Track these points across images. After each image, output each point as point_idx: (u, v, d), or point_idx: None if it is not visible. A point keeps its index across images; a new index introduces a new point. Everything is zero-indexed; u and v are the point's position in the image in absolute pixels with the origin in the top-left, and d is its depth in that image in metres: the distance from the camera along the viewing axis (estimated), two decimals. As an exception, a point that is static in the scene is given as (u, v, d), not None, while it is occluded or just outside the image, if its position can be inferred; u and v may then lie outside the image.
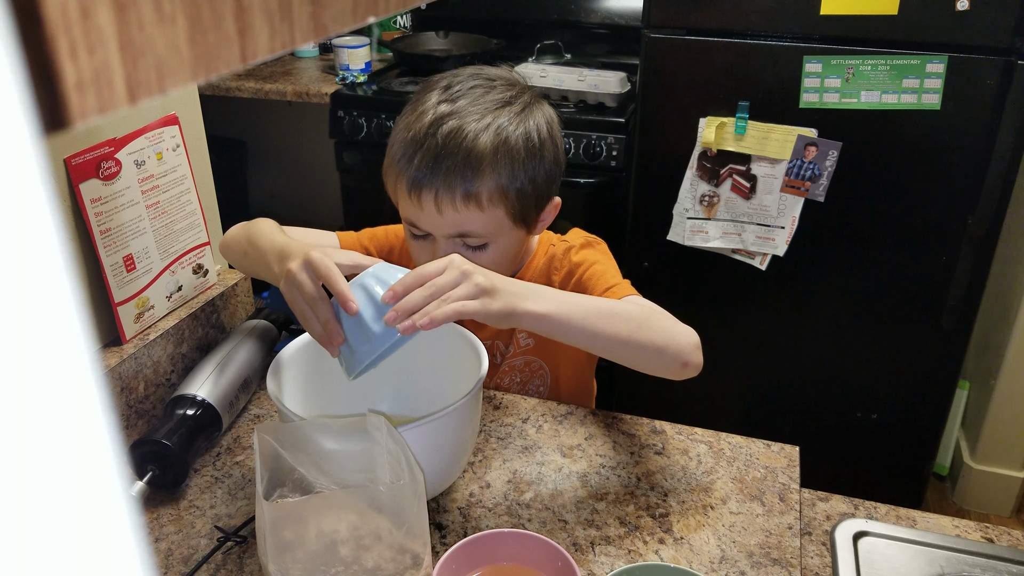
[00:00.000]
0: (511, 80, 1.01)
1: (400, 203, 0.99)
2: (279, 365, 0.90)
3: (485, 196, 0.94)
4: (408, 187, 0.94)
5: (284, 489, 0.80)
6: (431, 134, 0.93)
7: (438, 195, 0.93)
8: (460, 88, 0.97)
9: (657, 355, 0.89)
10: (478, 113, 0.94)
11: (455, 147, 0.92)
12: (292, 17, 0.26)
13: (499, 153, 0.93)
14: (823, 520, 0.97)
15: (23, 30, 0.18)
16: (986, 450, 2.04)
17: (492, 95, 0.96)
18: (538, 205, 1.00)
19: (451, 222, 0.95)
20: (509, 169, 0.94)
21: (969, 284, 1.62)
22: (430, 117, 0.94)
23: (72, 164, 0.92)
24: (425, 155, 0.93)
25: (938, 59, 1.49)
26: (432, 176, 0.92)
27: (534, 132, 0.97)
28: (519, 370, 1.14)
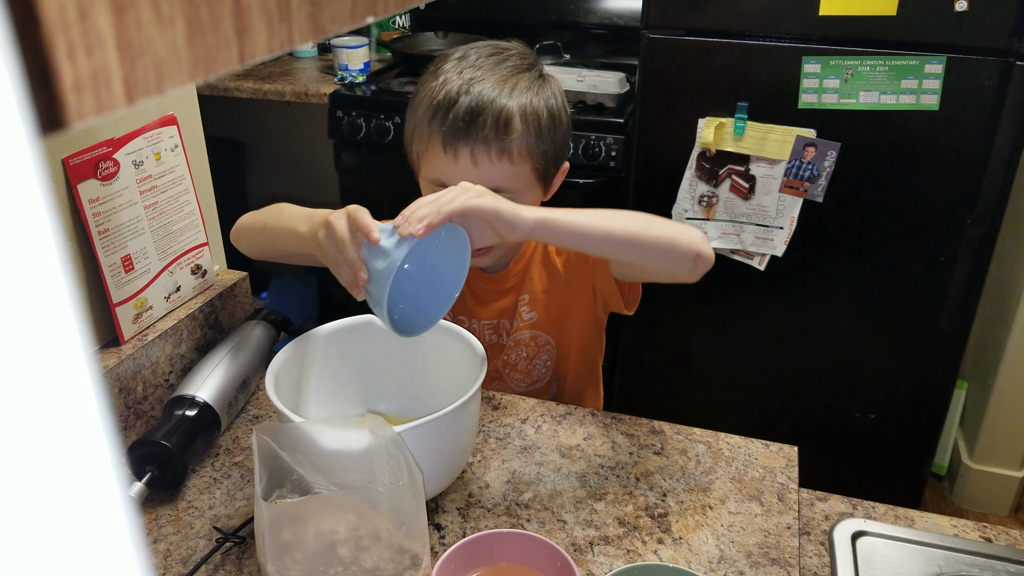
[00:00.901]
0: (524, 51, 1.07)
1: (430, 162, 1.03)
2: (278, 366, 0.90)
3: (515, 151, 0.99)
4: (443, 143, 0.99)
5: (283, 490, 0.80)
6: (463, 92, 0.98)
7: (474, 149, 0.98)
8: (478, 56, 1.03)
9: (671, 247, 0.91)
10: (503, 76, 1.01)
11: (488, 103, 0.98)
12: (291, 17, 0.26)
13: (527, 112, 1.00)
14: (821, 520, 0.97)
15: (21, 31, 0.18)
16: (984, 450, 2.04)
17: (511, 62, 1.03)
18: (556, 165, 1.07)
19: (484, 175, 0.99)
20: (536, 128, 1.00)
21: (967, 284, 1.62)
22: (457, 81, 1.00)
23: (70, 164, 0.92)
24: (458, 113, 0.98)
25: (937, 60, 1.49)
26: (468, 131, 0.98)
27: (552, 98, 1.04)
28: (525, 344, 1.15)
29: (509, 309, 1.14)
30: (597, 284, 1.09)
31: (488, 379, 1.18)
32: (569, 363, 1.17)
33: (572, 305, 1.12)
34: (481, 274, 1.13)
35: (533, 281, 1.12)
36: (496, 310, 1.14)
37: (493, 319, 1.15)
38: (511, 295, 1.13)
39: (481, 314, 1.15)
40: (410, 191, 2.42)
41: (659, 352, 1.92)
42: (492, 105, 0.98)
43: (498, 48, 1.05)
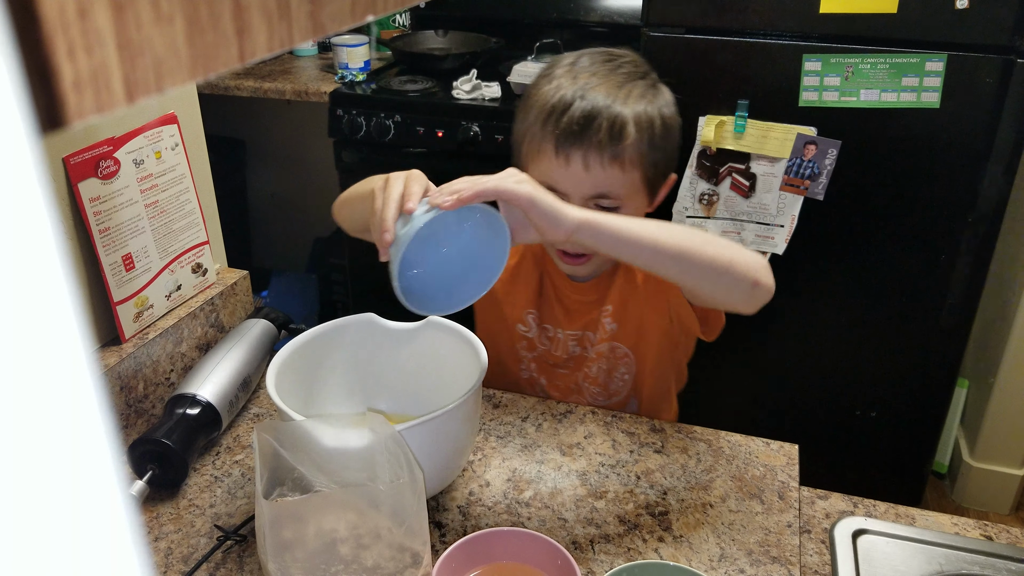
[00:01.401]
0: (637, 59, 1.05)
1: (540, 165, 1.01)
2: (279, 364, 0.90)
3: (627, 158, 0.98)
4: (555, 146, 0.98)
5: (284, 488, 0.80)
6: (578, 97, 0.98)
7: (587, 154, 0.97)
8: (592, 62, 1.02)
9: (726, 270, 0.86)
10: (617, 83, 1.00)
11: (603, 108, 0.97)
12: (290, 16, 0.26)
13: (641, 119, 0.98)
14: (822, 518, 0.97)
15: (21, 30, 0.18)
16: (985, 448, 2.04)
17: (624, 69, 1.02)
18: (664, 175, 1.05)
19: (594, 181, 0.98)
20: (649, 136, 0.99)
21: (968, 282, 1.62)
22: (571, 87, 0.99)
23: (71, 163, 0.92)
24: (573, 117, 0.97)
25: (937, 57, 1.49)
26: (582, 135, 0.97)
27: (665, 107, 1.03)
28: (605, 357, 1.13)
29: (593, 320, 1.12)
30: (671, 303, 1.06)
31: (566, 390, 1.17)
32: (645, 378, 1.15)
33: (649, 320, 1.10)
34: (571, 283, 1.12)
35: (616, 291, 1.10)
36: (582, 321, 1.13)
37: (578, 330, 1.13)
38: (596, 306, 1.11)
39: (566, 324, 1.13)
40: (411, 189, 2.37)
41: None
42: (607, 111, 0.97)
43: (611, 55, 1.04)
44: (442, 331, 0.98)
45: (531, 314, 1.15)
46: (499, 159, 1.94)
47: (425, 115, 1.97)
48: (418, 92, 2.02)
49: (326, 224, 2.77)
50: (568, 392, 1.17)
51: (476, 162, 1.96)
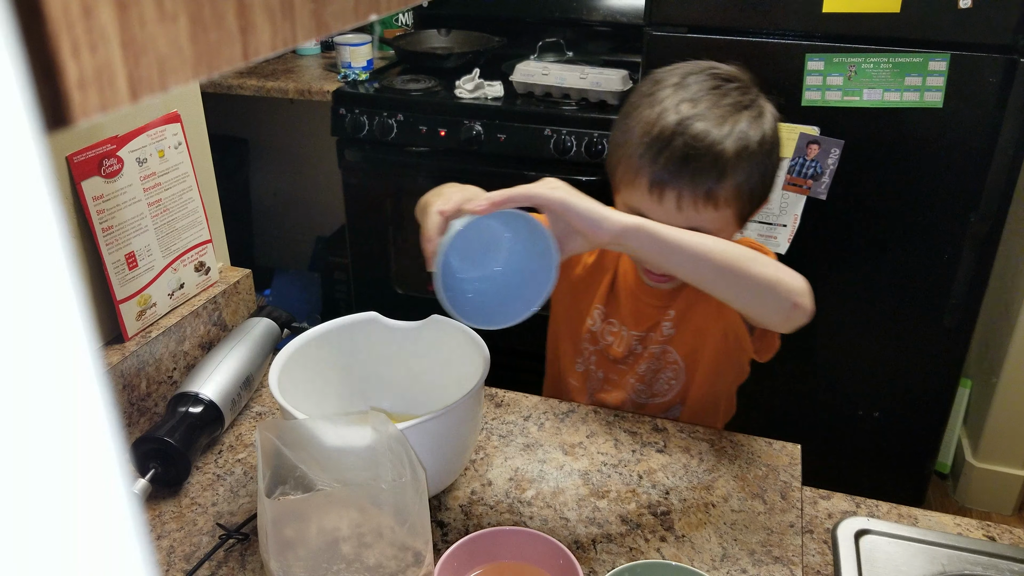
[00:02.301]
0: (744, 80, 1.01)
1: (632, 193, 1.00)
2: (281, 363, 0.90)
3: (723, 198, 0.96)
4: (650, 183, 0.96)
5: (286, 487, 0.80)
6: (679, 133, 0.94)
7: (681, 194, 0.95)
8: (699, 88, 0.97)
9: (769, 291, 0.86)
10: (720, 117, 0.95)
11: (703, 149, 0.94)
12: (294, 15, 0.26)
13: (741, 157, 0.95)
14: (825, 518, 0.96)
15: (25, 28, 0.18)
16: (988, 448, 2.04)
17: (730, 98, 0.97)
18: (758, 204, 1.03)
19: (686, 218, 0.96)
20: (747, 172, 0.96)
21: (971, 282, 1.62)
22: (673, 116, 0.95)
23: (74, 162, 0.92)
24: (672, 155, 0.94)
25: (940, 57, 1.48)
26: (678, 176, 0.94)
27: (768, 134, 0.99)
28: (656, 357, 1.13)
29: (657, 322, 1.12)
30: (729, 320, 1.05)
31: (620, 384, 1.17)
32: (693, 389, 1.14)
33: (707, 332, 1.09)
34: (644, 286, 1.11)
35: (683, 299, 1.09)
36: (647, 324, 1.12)
37: (643, 331, 1.13)
38: (664, 310, 1.11)
39: (632, 324, 1.13)
40: (412, 189, 2.41)
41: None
42: (708, 152, 0.94)
43: (718, 78, 0.99)
44: (444, 330, 0.98)
45: (598, 309, 1.16)
46: (501, 158, 1.94)
47: (428, 114, 1.97)
48: (421, 91, 2.02)
49: (329, 223, 2.78)
50: (618, 386, 1.17)
51: (478, 161, 1.96)
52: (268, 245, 2.96)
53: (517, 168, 1.94)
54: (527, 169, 1.93)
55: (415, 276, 2.22)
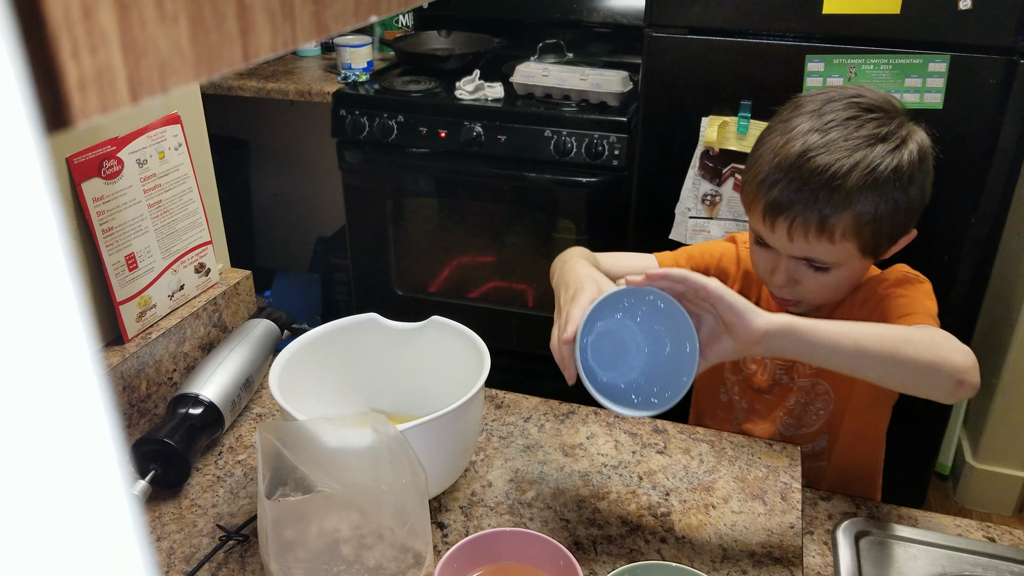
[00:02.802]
0: (889, 110, 0.97)
1: (752, 217, 1.01)
2: (281, 364, 0.90)
3: (839, 232, 0.94)
4: (764, 210, 0.96)
5: (286, 488, 0.80)
6: (798, 165, 0.93)
7: (792, 225, 0.94)
8: (834, 118, 0.95)
9: (931, 373, 0.83)
10: (849, 149, 0.93)
11: (820, 183, 0.92)
12: (294, 16, 0.26)
13: (863, 191, 0.92)
14: (825, 519, 0.96)
15: (25, 30, 0.18)
16: (988, 449, 2.04)
17: (866, 129, 0.94)
18: (892, 238, 0.99)
19: (799, 249, 0.96)
20: (871, 207, 0.93)
21: (971, 283, 1.62)
22: (799, 146, 0.94)
23: (74, 163, 0.92)
24: (789, 185, 0.93)
25: (940, 58, 1.49)
26: (790, 207, 0.93)
27: (905, 166, 0.94)
28: (805, 391, 1.11)
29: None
30: None
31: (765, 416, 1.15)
32: (844, 421, 1.12)
33: None
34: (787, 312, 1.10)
35: None
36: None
37: (787, 360, 1.11)
38: None
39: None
40: (412, 189, 2.40)
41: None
42: (826, 184, 0.91)
43: (858, 107, 0.96)
44: (445, 331, 0.98)
45: None
46: (502, 160, 1.95)
47: (428, 115, 1.97)
48: (421, 92, 2.02)
49: (329, 224, 2.78)
50: (766, 418, 1.15)
51: (479, 162, 1.96)
52: (268, 246, 2.96)
53: (517, 169, 1.94)
54: (527, 170, 1.93)
55: (415, 277, 2.23)
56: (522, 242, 2.10)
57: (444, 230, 2.17)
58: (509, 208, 2.07)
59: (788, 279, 0.99)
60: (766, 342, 0.78)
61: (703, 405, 1.22)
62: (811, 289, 1.00)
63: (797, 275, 0.99)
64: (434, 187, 2.10)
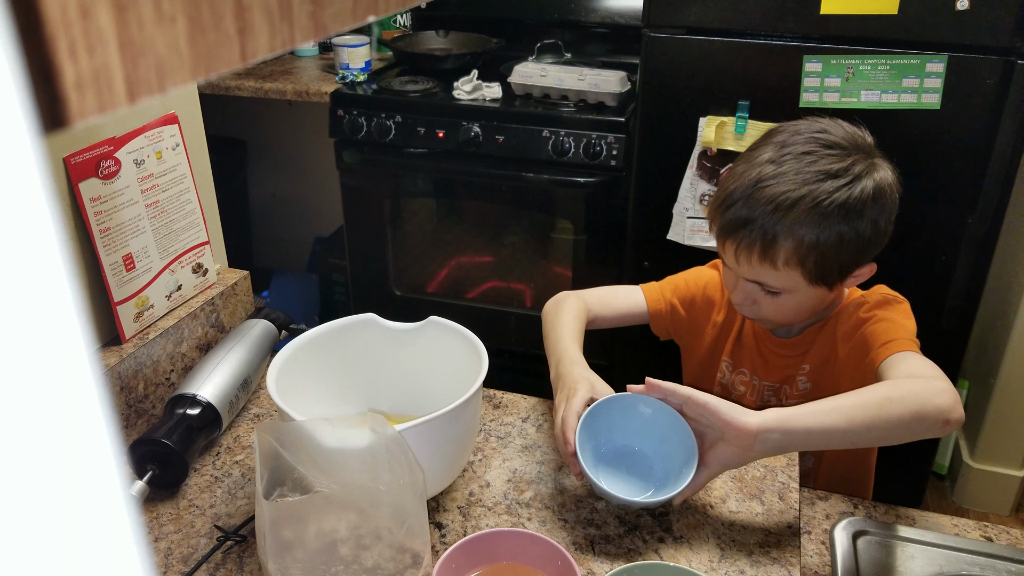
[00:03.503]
0: (848, 147, 1.01)
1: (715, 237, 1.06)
2: (279, 364, 0.90)
3: (781, 259, 0.98)
4: (718, 231, 1.03)
5: (284, 488, 0.80)
6: (748, 195, 0.98)
7: (738, 249, 1.00)
8: (791, 151, 1.00)
9: (918, 422, 0.86)
10: (797, 183, 0.97)
11: (766, 211, 0.97)
12: (292, 16, 0.26)
13: (805, 222, 0.96)
14: (822, 519, 0.97)
15: (23, 29, 0.18)
16: (985, 449, 2.04)
17: (821, 164, 0.98)
18: (841, 271, 1.01)
19: (747, 271, 1.02)
20: (812, 237, 0.96)
21: (968, 283, 1.62)
22: (754, 175, 0.99)
23: (71, 163, 0.92)
24: (740, 210, 0.99)
25: (938, 59, 1.49)
26: (737, 231, 0.99)
27: (853, 203, 0.97)
28: None
29: (790, 376, 1.13)
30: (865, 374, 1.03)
31: None
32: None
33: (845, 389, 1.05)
34: (772, 337, 1.13)
35: (816, 353, 1.10)
36: (779, 375, 1.14)
37: (776, 382, 1.15)
38: (795, 363, 1.12)
39: (764, 375, 1.15)
40: (411, 189, 2.40)
41: (658, 349, 1.92)
42: (769, 214, 0.96)
43: (819, 142, 1.00)
44: (443, 331, 0.98)
45: (726, 361, 1.18)
46: (500, 160, 1.95)
47: (426, 116, 1.97)
48: (419, 92, 2.02)
49: (327, 224, 2.78)
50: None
51: (477, 162, 1.96)
52: (266, 247, 2.95)
53: (516, 169, 1.94)
54: (525, 171, 1.93)
55: (413, 278, 2.22)
56: (520, 242, 2.10)
57: (442, 230, 2.17)
58: (507, 208, 2.07)
59: (746, 298, 1.05)
60: (761, 439, 0.82)
61: None
62: (769, 311, 1.05)
63: (753, 296, 1.04)
64: (432, 187, 2.10)
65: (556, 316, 1.09)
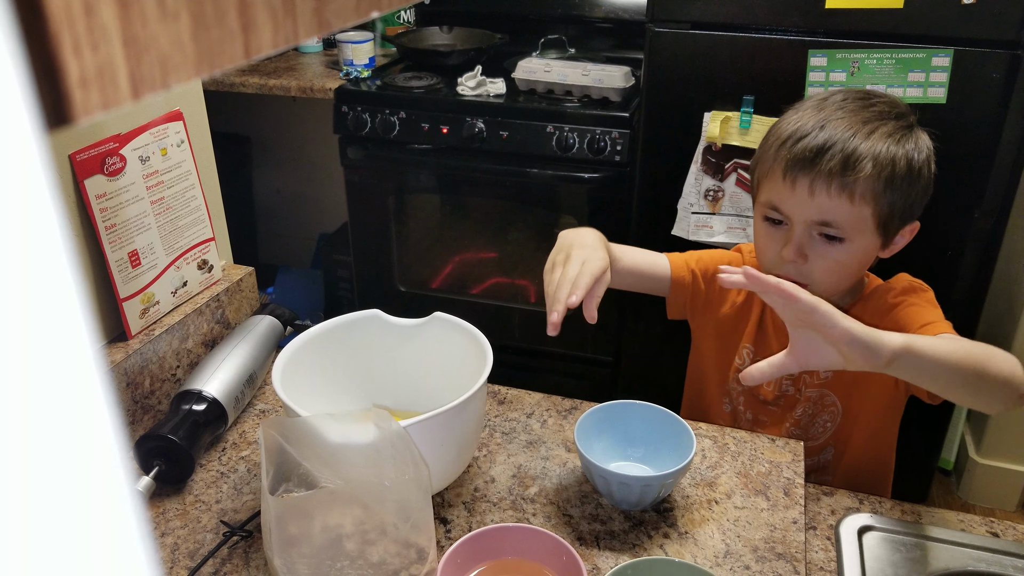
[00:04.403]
0: (893, 101, 1.03)
1: (768, 186, 1.01)
2: (284, 360, 0.90)
3: (858, 192, 0.95)
4: (784, 169, 0.98)
5: (289, 484, 0.81)
6: (819, 126, 0.97)
7: (814, 180, 0.96)
8: (844, 97, 1.00)
9: (1005, 387, 0.86)
10: (863, 119, 0.97)
11: (843, 141, 0.95)
12: (295, 12, 0.26)
13: (880, 156, 0.95)
14: (828, 515, 0.96)
15: (27, 27, 0.18)
16: (991, 445, 2.04)
17: (875, 108, 0.99)
18: (902, 218, 1.00)
19: (818, 207, 0.97)
20: (888, 174, 0.95)
21: (974, 278, 1.62)
22: (813, 118, 0.98)
23: (77, 160, 0.92)
24: (808, 143, 0.96)
25: (944, 53, 1.48)
26: (812, 162, 0.96)
27: (915, 151, 0.98)
28: (812, 402, 1.11)
29: None
30: None
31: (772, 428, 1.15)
32: (852, 433, 1.12)
33: (870, 377, 1.04)
34: None
35: None
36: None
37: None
38: None
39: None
40: (415, 185, 2.40)
41: (664, 345, 1.92)
42: (843, 142, 0.95)
43: (867, 94, 1.02)
44: (447, 327, 0.98)
45: (747, 348, 1.14)
46: (504, 155, 1.94)
47: (430, 111, 1.97)
48: (423, 88, 2.02)
49: (331, 220, 2.78)
50: (772, 429, 1.15)
51: (481, 158, 1.96)
52: (271, 243, 2.96)
53: (520, 165, 1.94)
54: (529, 166, 1.93)
55: (418, 274, 2.23)
56: (524, 238, 2.10)
57: (446, 226, 2.17)
58: (511, 204, 2.07)
59: (798, 252, 0.99)
60: (890, 367, 0.79)
61: (707, 414, 1.21)
62: (820, 268, 0.99)
63: (808, 248, 0.99)
64: (436, 183, 2.10)
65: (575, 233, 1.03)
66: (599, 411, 0.97)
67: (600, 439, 0.95)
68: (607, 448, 0.95)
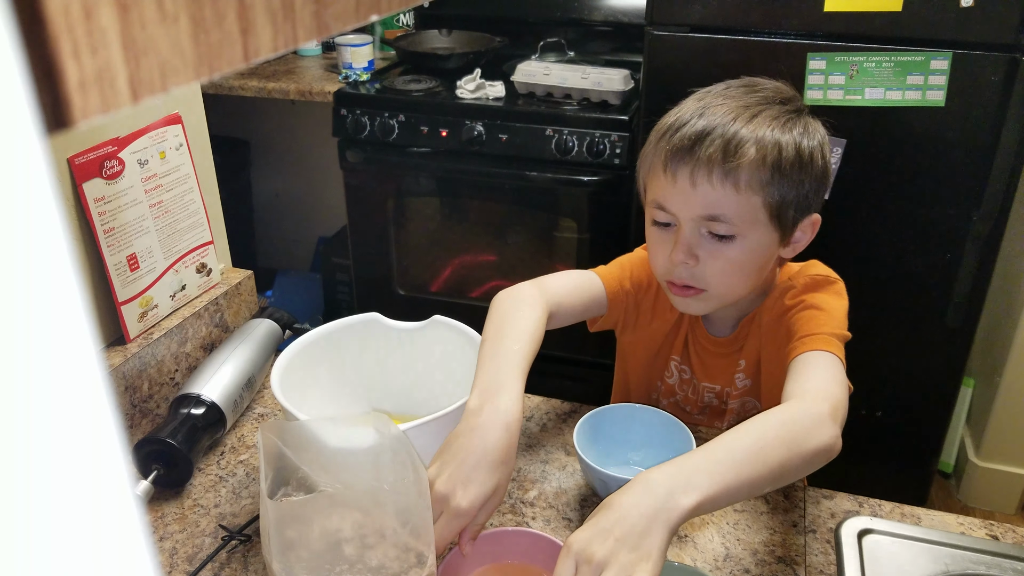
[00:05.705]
0: (781, 88, 0.98)
1: (651, 184, 0.96)
2: (283, 364, 0.90)
3: (744, 179, 0.89)
4: (664, 161, 0.92)
5: (288, 488, 0.80)
6: (696, 115, 0.92)
7: (695, 170, 0.89)
8: (727, 86, 0.96)
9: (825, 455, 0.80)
10: (745, 104, 0.92)
11: (723, 126, 0.90)
12: (295, 15, 0.26)
13: (765, 141, 0.89)
14: (828, 518, 0.96)
15: (26, 30, 0.18)
16: (991, 447, 2.04)
17: (759, 94, 0.94)
18: (798, 210, 0.93)
19: (703, 200, 0.90)
20: (774, 160, 0.89)
21: (974, 281, 1.62)
22: (694, 107, 0.93)
23: (75, 164, 0.92)
24: (685, 133, 0.91)
25: (942, 56, 1.48)
26: (691, 151, 0.90)
27: (805, 137, 0.93)
28: (736, 412, 1.10)
29: (729, 377, 1.07)
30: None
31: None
32: None
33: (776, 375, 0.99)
34: (710, 338, 1.07)
35: (750, 348, 1.04)
36: (719, 377, 1.08)
37: (716, 384, 1.09)
38: (733, 360, 1.06)
39: (702, 377, 1.09)
40: (414, 189, 2.40)
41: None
42: (723, 128, 0.89)
43: (752, 82, 0.98)
44: (447, 330, 0.98)
45: (674, 361, 1.11)
46: (503, 159, 1.95)
47: (429, 115, 1.97)
48: (422, 92, 2.02)
49: (330, 223, 2.78)
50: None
51: (480, 161, 1.96)
52: (270, 246, 2.96)
53: (519, 168, 1.94)
54: (529, 169, 1.93)
55: (417, 277, 2.22)
56: (524, 241, 2.10)
57: (446, 229, 2.17)
58: (511, 207, 2.07)
59: (688, 253, 0.92)
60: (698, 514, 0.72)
61: None
62: (713, 269, 0.93)
63: (698, 248, 0.92)
64: (435, 186, 2.10)
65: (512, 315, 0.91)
66: (598, 414, 0.97)
67: (600, 442, 0.95)
68: (607, 451, 0.95)
